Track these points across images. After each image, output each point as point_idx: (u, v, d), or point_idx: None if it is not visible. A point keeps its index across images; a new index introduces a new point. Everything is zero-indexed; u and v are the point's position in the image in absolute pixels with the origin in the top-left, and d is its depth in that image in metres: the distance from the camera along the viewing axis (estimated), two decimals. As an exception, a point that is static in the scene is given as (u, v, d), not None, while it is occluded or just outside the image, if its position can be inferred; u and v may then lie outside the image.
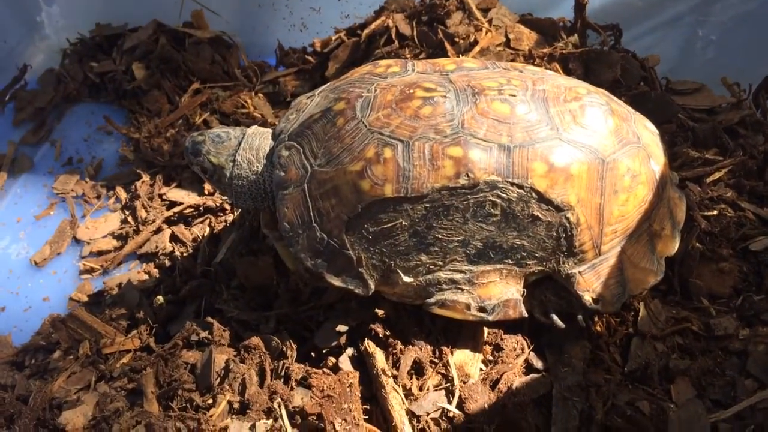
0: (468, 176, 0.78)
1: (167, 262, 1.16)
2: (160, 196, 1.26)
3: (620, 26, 1.25)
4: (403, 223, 0.81)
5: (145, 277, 1.14)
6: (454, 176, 0.79)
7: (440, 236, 0.81)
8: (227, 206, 1.23)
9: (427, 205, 0.80)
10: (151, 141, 1.35)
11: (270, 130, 0.96)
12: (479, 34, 1.22)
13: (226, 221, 1.20)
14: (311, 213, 0.84)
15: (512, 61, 1.18)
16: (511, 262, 0.83)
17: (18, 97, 1.51)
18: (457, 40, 1.22)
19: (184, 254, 1.16)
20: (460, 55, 1.18)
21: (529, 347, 0.88)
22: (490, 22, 1.25)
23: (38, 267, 1.22)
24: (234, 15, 1.52)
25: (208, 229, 1.19)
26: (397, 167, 0.79)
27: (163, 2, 1.52)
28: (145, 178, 1.30)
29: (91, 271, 1.20)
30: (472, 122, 0.80)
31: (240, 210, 1.17)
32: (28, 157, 1.41)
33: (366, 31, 1.28)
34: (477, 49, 1.18)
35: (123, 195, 1.31)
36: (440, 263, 0.83)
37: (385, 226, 0.81)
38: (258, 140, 0.94)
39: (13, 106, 1.50)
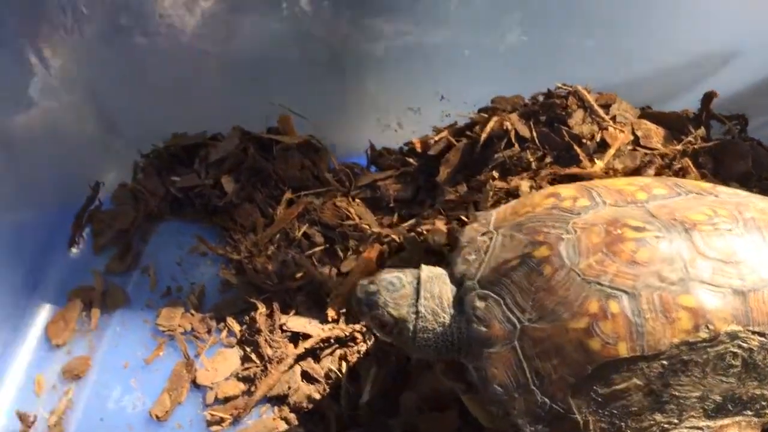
0: (708, 328, 0.72)
1: (305, 406, 1.06)
2: (281, 327, 1.16)
3: (746, 115, 1.22)
4: (638, 382, 0.74)
5: (284, 425, 1.05)
6: (693, 329, 0.72)
7: (677, 393, 0.74)
8: (358, 335, 1.14)
9: (665, 362, 0.73)
10: (253, 261, 1.26)
11: (444, 272, 0.88)
12: (605, 133, 1.17)
13: (359, 351, 1.12)
14: (528, 375, 0.76)
15: (649, 162, 1.14)
16: (750, 413, 0.77)
17: (95, 219, 1.39)
18: (584, 141, 1.17)
19: (323, 394, 1.07)
20: (596, 159, 1.13)
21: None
22: (613, 119, 1.20)
23: (160, 421, 1.10)
24: (319, 116, 1.44)
25: (344, 364, 1.10)
26: (627, 323, 0.73)
27: (241, 108, 1.45)
28: (261, 308, 1.19)
29: (220, 421, 1.08)
30: (695, 264, 0.74)
31: (375, 340, 1.09)
32: (119, 287, 1.29)
33: (484, 134, 1.22)
34: (612, 151, 1.13)
35: (236, 327, 1.20)
36: (676, 421, 0.76)
37: (617, 387, 0.74)
38: (437, 286, 0.86)
39: (90, 229, 1.39)
